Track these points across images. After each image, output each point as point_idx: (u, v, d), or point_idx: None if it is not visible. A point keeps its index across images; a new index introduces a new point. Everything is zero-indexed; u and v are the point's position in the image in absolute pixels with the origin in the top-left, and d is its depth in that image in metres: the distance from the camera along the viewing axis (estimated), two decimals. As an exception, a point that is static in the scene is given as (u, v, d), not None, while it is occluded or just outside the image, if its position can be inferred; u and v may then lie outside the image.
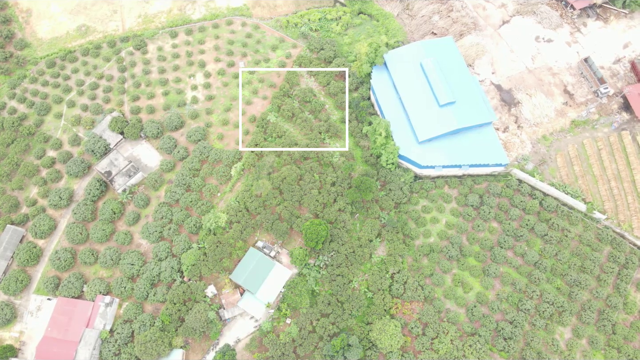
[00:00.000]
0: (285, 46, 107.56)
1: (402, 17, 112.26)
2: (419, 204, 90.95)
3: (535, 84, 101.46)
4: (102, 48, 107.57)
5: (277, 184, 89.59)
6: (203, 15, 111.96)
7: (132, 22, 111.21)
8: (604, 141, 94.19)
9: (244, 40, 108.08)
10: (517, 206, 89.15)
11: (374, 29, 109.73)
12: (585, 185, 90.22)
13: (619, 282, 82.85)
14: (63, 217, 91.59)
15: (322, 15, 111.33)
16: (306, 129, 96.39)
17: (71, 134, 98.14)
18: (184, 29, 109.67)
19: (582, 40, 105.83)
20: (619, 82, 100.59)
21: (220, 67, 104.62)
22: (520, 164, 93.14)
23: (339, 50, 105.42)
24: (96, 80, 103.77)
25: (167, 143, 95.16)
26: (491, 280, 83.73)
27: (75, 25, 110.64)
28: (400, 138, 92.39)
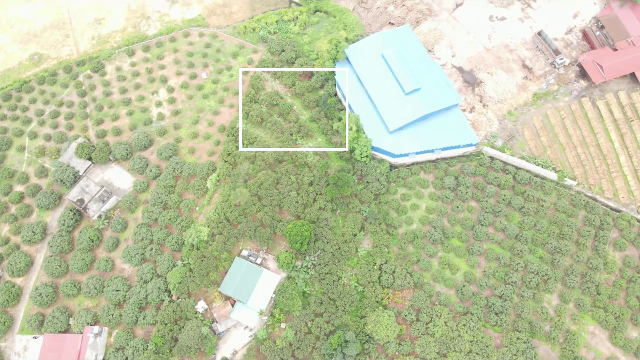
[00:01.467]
0: (245, 52, 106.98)
1: (358, 10, 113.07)
2: (397, 192, 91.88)
3: (494, 62, 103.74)
4: (58, 75, 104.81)
5: (255, 191, 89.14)
6: (159, 30, 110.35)
7: (86, 44, 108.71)
8: (566, 110, 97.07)
9: (204, 51, 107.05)
10: (492, 183, 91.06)
11: (332, 26, 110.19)
12: (554, 155, 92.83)
13: (596, 244, 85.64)
14: (39, 252, 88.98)
15: (279, 17, 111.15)
16: (277, 132, 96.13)
17: (37, 166, 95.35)
18: (140, 46, 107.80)
19: (533, 15, 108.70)
20: (574, 52, 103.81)
21: (183, 81, 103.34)
22: (490, 141, 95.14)
23: (300, 50, 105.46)
24: (56, 108, 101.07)
25: (138, 163, 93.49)
26: (476, 259, 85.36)
27: (27, 54, 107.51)
28: (371, 130, 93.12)
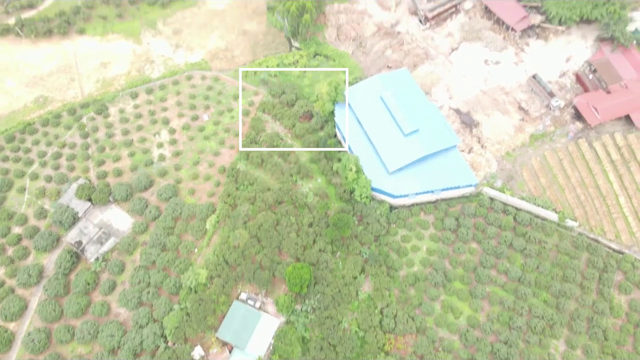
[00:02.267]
0: (247, 94, 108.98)
1: (356, 54, 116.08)
2: (398, 234, 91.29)
3: (491, 104, 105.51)
4: (62, 117, 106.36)
5: (254, 232, 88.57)
6: (162, 73, 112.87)
7: (91, 87, 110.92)
8: (564, 151, 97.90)
9: (206, 93, 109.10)
10: (493, 224, 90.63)
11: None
12: (554, 196, 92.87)
13: (601, 286, 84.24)
14: (34, 296, 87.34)
15: (280, 61, 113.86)
16: (277, 173, 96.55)
17: (36, 207, 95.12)
18: (144, 89, 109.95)
19: (527, 59, 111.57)
20: (568, 94, 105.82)
21: (185, 122, 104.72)
22: (489, 182, 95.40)
23: (300, 93, 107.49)
24: (59, 150, 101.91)
25: (138, 204, 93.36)
26: (479, 302, 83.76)
27: (32, 97, 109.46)
28: (371, 171, 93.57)
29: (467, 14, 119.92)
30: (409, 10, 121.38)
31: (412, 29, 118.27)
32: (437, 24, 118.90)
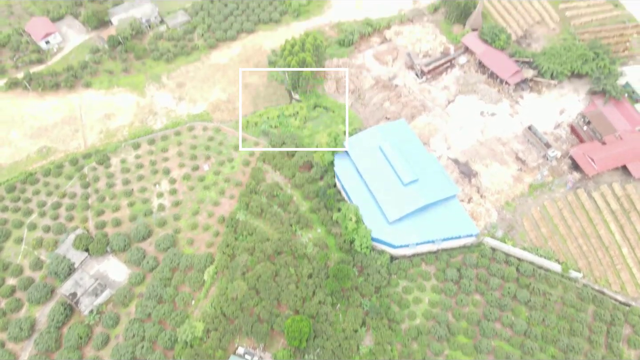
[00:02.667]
0: (247, 144, 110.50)
1: (355, 106, 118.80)
2: (399, 285, 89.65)
3: (489, 155, 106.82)
4: (64, 167, 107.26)
5: (253, 284, 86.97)
6: (165, 124, 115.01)
7: (94, 138, 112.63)
8: (563, 201, 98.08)
9: (207, 144, 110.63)
10: (496, 275, 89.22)
11: (331, 120, 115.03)
12: (556, 246, 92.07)
13: (610, 340, 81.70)
14: (24, 350, 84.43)
15: (280, 112, 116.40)
16: (276, 223, 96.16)
17: (33, 258, 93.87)
18: (146, 140, 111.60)
19: (522, 111, 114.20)
20: (564, 145, 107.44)
21: (185, 172, 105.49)
22: (490, 232, 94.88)
23: (300, 143, 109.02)
24: (58, 200, 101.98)
25: (135, 255, 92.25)
26: (485, 357, 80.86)
27: (36, 148, 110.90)
28: (370, 221, 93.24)
29: (461, 68, 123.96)
30: (405, 64, 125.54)
31: (409, 82, 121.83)
32: (433, 77, 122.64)
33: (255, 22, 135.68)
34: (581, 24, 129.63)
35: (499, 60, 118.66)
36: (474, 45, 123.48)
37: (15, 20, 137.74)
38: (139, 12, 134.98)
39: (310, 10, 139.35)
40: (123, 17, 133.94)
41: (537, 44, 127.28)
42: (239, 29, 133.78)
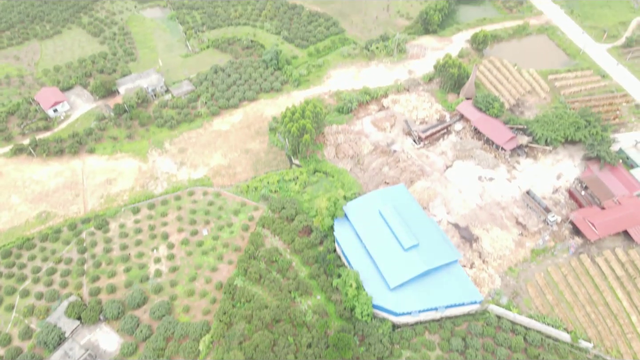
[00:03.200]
0: (247, 209, 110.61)
1: (355, 171, 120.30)
2: (402, 355, 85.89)
3: (489, 219, 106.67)
4: (62, 232, 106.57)
5: (250, 354, 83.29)
6: (165, 189, 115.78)
7: (94, 203, 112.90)
8: (567, 267, 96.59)
9: (206, 209, 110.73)
10: (503, 344, 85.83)
11: (331, 185, 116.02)
12: (563, 314, 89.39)
13: (627, 417, 77.30)
14: None
15: (280, 177, 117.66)
16: (275, 289, 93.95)
17: (22, 327, 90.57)
18: (146, 204, 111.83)
19: (519, 176, 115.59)
20: (563, 210, 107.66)
21: (184, 237, 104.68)
22: (495, 298, 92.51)
23: (299, 208, 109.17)
24: (54, 265, 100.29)
25: (129, 323, 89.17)
26: None
27: (35, 213, 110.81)
28: (371, 287, 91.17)
29: (458, 135, 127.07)
30: (403, 131, 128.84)
31: (407, 148, 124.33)
32: (431, 143, 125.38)
33: (257, 91, 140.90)
34: (571, 94, 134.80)
35: (494, 127, 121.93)
36: (468, 112, 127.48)
37: (26, 90, 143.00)
38: (145, 82, 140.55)
39: (311, 80, 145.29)
40: (130, 86, 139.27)
41: (529, 112, 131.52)
42: (241, 98, 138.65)
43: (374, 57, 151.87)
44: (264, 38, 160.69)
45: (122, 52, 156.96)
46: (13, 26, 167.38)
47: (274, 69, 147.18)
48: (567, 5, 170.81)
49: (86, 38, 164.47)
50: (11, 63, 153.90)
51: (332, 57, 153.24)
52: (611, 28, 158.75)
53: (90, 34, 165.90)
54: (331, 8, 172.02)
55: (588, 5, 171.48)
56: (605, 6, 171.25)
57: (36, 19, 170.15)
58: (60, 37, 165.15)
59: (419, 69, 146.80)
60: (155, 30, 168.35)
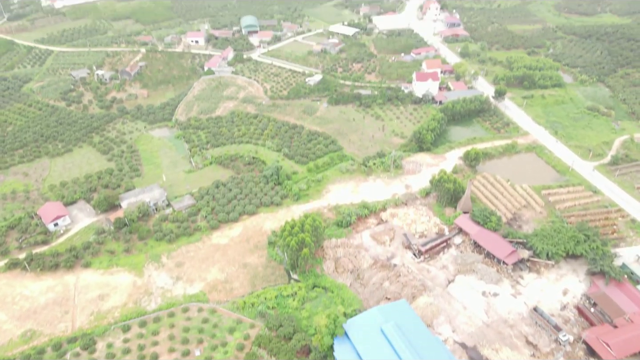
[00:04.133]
0: (242, 327, 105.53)
1: (354, 286, 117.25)
2: None
3: (497, 338, 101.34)
4: (45, 352, 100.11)
5: None
6: (159, 305, 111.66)
7: (84, 320, 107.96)
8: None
9: (200, 326, 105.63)
10: None
11: (330, 301, 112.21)
12: None
13: None
14: None
15: (278, 293, 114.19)
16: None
17: None
18: (137, 322, 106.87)
19: (524, 291, 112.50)
20: (574, 328, 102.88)
21: (175, 358, 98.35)
22: None
23: (298, 325, 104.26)
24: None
25: None
26: None
27: (20, 331, 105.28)
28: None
29: (458, 248, 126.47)
30: (402, 244, 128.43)
31: (407, 262, 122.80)
32: (431, 257, 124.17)
33: (257, 205, 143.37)
34: (566, 208, 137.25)
35: (494, 240, 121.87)
36: (467, 226, 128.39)
37: (29, 205, 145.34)
38: (148, 197, 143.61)
39: (310, 194, 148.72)
40: (133, 201, 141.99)
41: (527, 225, 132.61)
42: (241, 211, 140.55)
43: (371, 173, 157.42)
44: (265, 155, 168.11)
45: (128, 168, 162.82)
46: (26, 145, 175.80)
47: (274, 183, 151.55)
48: (551, 127, 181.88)
49: (95, 156, 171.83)
50: (19, 179, 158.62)
51: (331, 172, 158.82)
52: (595, 147, 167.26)
53: (99, 151, 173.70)
54: (330, 128, 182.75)
55: (570, 127, 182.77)
56: (587, 127, 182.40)
57: (50, 139, 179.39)
58: (70, 155, 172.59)
59: (415, 183, 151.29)
60: (162, 148, 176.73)
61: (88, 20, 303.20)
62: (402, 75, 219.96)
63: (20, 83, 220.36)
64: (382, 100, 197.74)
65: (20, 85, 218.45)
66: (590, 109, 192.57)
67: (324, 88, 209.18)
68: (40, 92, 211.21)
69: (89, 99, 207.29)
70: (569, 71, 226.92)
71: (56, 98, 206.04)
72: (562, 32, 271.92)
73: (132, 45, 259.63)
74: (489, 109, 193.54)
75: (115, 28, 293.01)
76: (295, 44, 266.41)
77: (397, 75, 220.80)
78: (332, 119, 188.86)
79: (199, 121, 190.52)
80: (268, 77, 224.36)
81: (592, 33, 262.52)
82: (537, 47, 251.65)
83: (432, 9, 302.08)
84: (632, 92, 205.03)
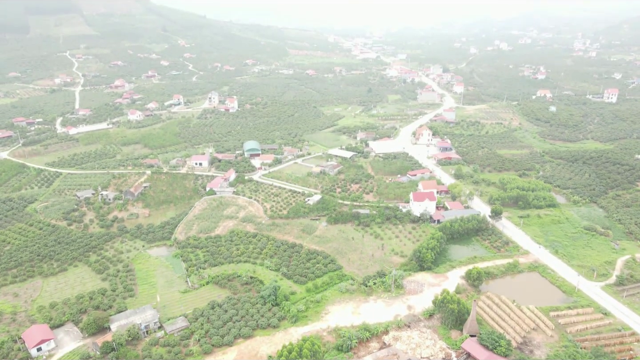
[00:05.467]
0: None
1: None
2: None
3: None
4: None
5: None
6: None
7: None
8: None
9: None
10: None
11: None
12: None
13: None
14: None
15: None
16: None
17: None
18: None
19: None
20: None
21: None
22: None
23: None
24: None
25: None
26: None
27: None
28: None
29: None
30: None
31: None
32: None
33: (253, 327, 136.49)
34: (577, 331, 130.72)
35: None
36: (475, 351, 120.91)
37: (14, 328, 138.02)
38: (139, 319, 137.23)
39: (308, 316, 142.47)
40: (123, 323, 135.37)
41: (539, 350, 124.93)
42: (236, 334, 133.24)
43: (372, 293, 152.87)
44: (263, 274, 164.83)
45: (121, 288, 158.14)
46: (21, 264, 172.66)
47: (271, 304, 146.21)
48: (551, 246, 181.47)
49: (90, 275, 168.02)
50: (8, 300, 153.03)
51: (330, 292, 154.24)
52: (599, 267, 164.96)
53: (94, 271, 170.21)
54: (329, 247, 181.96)
55: (570, 246, 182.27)
56: (587, 247, 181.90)
57: (46, 258, 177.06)
58: (64, 274, 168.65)
59: (417, 304, 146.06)
60: (159, 267, 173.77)
61: (99, 145, 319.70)
62: (399, 195, 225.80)
63: (25, 203, 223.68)
64: (380, 220, 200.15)
65: (25, 206, 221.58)
66: (587, 229, 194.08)
67: (323, 207, 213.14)
68: (43, 212, 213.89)
69: (90, 218, 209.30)
70: (561, 192, 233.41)
71: (58, 218, 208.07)
72: (549, 157, 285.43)
73: (139, 168, 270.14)
74: (487, 228, 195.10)
75: (124, 152, 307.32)
76: (296, 166, 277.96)
77: (394, 195, 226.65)
78: (331, 237, 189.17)
79: (198, 240, 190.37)
80: (268, 197, 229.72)
81: (578, 157, 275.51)
82: (527, 169, 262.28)
83: (425, 134, 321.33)
84: (626, 212, 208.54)
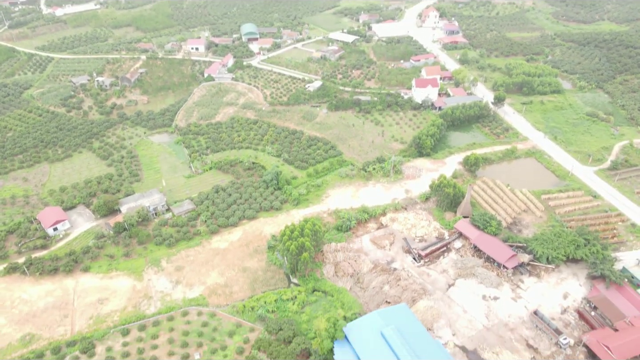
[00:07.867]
0: (242, 331, 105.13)
1: (354, 290, 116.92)
2: None
3: (497, 342, 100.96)
4: (44, 356, 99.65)
5: None
6: (158, 309, 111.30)
7: (83, 324, 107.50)
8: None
9: (200, 330, 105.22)
10: None
11: (330, 304, 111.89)
12: None
13: None
14: None
15: (278, 297, 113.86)
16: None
17: None
18: (137, 326, 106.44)
19: (524, 295, 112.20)
20: (575, 331, 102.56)
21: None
22: None
23: (297, 329, 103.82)
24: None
25: None
26: None
27: (19, 335, 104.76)
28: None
29: (458, 252, 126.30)
30: (402, 249, 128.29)
31: (407, 266, 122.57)
32: (431, 261, 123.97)
33: (256, 209, 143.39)
34: (565, 213, 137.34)
35: (494, 245, 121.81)
36: (467, 230, 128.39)
37: (29, 210, 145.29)
38: (147, 201, 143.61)
39: (310, 199, 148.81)
40: (132, 205, 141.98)
41: (527, 230, 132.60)
42: (240, 216, 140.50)
43: (371, 178, 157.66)
44: (265, 160, 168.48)
45: (127, 174, 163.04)
46: (26, 150, 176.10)
47: (274, 188, 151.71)
48: (551, 132, 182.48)
49: (95, 161, 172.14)
50: (19, 184, 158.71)
51: (331, 177, 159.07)
52: (595, 152, 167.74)
53: (99, 157, 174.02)
54: (330, 133, 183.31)
55: (570, 132, 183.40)
56: (587, 133, 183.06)
57: (49, 144, 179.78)
58: (70, 160, 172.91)
59: (415, 188, 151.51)
60: (162, 153, 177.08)
61: (89, 28, 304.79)
62: (402, 81, 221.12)
63: (21, 89, 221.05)
64: (381, 106, 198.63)
65: (21, 92, 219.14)
66: (589, 115, 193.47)
67: (323, 94, 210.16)
68: (41, 99, 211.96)
69: (89, 105, 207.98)
70: (568, 78, 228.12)
71: (56, 104, 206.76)
72: (560, 40, 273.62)
73: (133, 53, 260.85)
74: (488, 114, 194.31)
75: (116, 35, 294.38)
76: (295, 51, 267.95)
77: (396, 81, 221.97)
78: (332, 124, 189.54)
79: (199, 127, 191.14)
80: (268, 84, 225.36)
81: (590, 40, 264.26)
82: (535, 54, 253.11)
83: (431, 16, 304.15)
84: (631, 98, 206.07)
